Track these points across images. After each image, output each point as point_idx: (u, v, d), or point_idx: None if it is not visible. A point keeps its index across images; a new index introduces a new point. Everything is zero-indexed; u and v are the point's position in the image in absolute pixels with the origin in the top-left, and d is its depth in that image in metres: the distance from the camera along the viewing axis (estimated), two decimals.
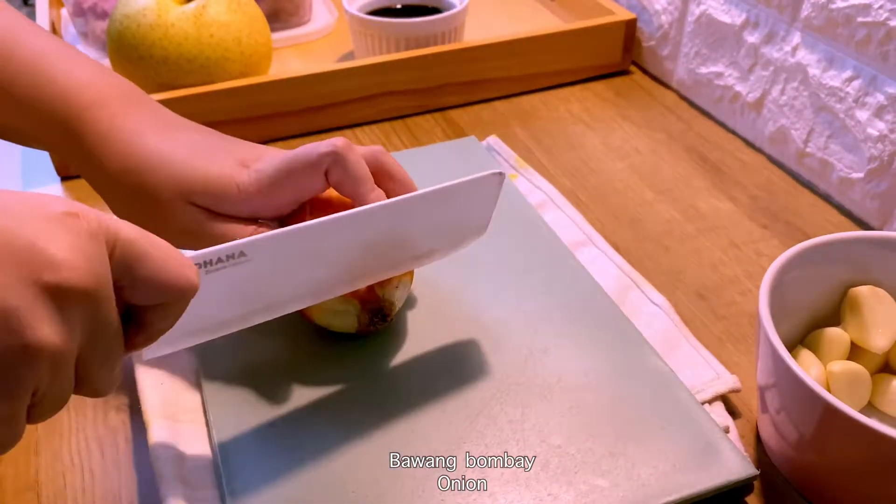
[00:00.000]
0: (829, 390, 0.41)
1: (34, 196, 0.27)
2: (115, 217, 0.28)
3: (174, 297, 0.29)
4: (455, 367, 0.45)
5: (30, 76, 0.43)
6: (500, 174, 0.42)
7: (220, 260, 0.34)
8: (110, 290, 0.27)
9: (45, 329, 0.25)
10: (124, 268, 0.28)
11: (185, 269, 0.29)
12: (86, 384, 0.29)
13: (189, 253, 0.32)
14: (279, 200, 0.41)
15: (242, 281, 0.36)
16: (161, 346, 0.34)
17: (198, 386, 0.45)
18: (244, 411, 0.43)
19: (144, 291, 0.29)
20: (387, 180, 0.43)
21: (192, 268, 0.30)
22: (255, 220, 0.42)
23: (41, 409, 0.27)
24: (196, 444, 0.42)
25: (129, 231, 0.28)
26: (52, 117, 0.43)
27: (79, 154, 0.43)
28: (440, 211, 0.42)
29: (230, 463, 0.40)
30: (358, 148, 0.42)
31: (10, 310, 0.24)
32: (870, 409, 0.44)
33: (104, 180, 0.43)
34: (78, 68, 0.44)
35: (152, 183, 0.41)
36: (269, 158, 0.41)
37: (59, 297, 0.25)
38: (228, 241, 0.35)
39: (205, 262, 0.34)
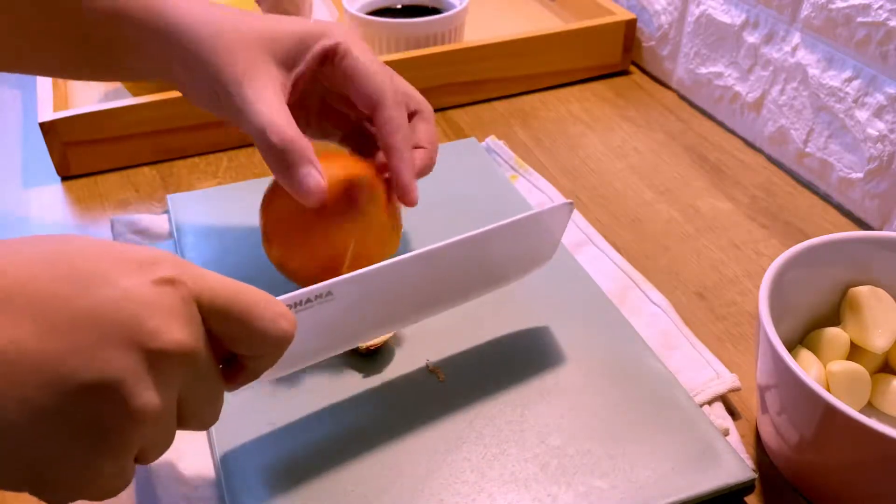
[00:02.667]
0: (828, 390, 0.41)
1: (133, 256, 0.27)
2: (212, 274, 0.29)
3: (269, 350, 0.31)
4: (455, 369, 0.45)
5: None
6: (570, 204, 0.44)
7: (308, 300, 0.36)
8: (206, 348, 0.29)
9: (149, 395, 0.26)
10: (224, 326, 0.29)
11: (282, 322, 0.31)
12: (190, 422, 0.30)
13: (282, 297, 0.34)
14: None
15: (329, 317, 0.38)
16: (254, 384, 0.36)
17: None
18: (244, 411, 0.43)
19: (245, 344, 0.30)
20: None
21: (287, 319, 0.31)
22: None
23: (147, 456, 0.29)
24: (195, 443, 0.42)
25: (228, 290, 0.29)
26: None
27: (166, 38, 0.42)
28: (514, 241, 0.43)
29: (229, 463, 0.40)
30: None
31: (116, 382, 0.25)
32: (870, 409, 0.44)
33: (187, 47, 0.42)
34: None
35: (238, 35, 0.41)
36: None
37: (160, 362, 0.27)
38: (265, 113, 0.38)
39: (295, 304, 0.36)
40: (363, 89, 0.42)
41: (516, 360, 0.45)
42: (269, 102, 0.39)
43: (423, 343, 0.47)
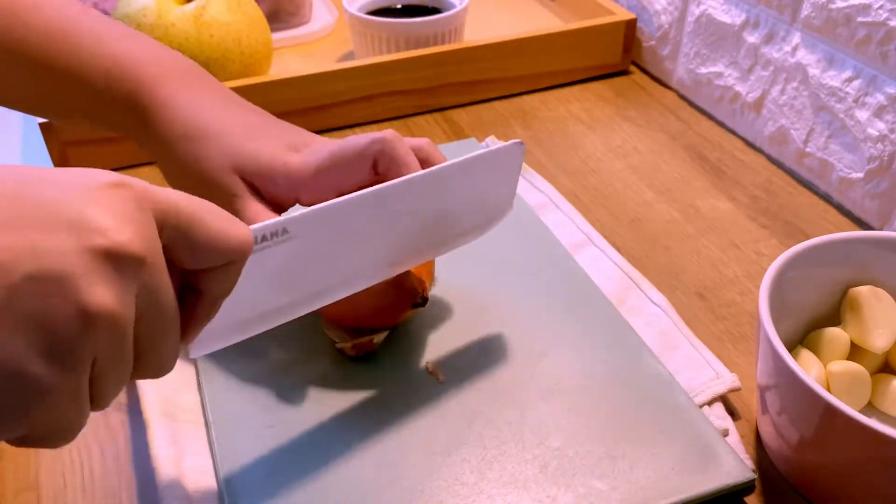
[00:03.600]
0: (829, 390, 0.41)
1: (80, 170, 0.27)
2: (163, 188, 0.28)
3: (232, 256, 0.29)
4: (454, 369, 0.45)
5: (92, 54, 0.44)
6: (521, 143, 0.43)
7: (264, 238, 0.34)
8: (161, 258, 0.27)
9: (100, 292, 0.25)
10: (180, 233, 0.28)
11: (240, 228, 0.29)
12: (145, 361, 0.28)
13: None
14: (323, 187, 0.41)
15: (287, 262, 0.36)
16: (208, 343, 0.34)
17: (197, 386, 0.45)
18: (243, 411, 0.43)
19: (203, 253, 0.28)
20: None
21: (245, 227, 0.30)
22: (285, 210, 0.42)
23: (102, 383, 0.27)
24: (195, 444, 0.42)
25: (178, 197, 0.28)
26: (118, 91, 0.43)
27: (139, 125, 0.44)
28: (470, 182, 0.42)
29: (229, 462, 0.40)
30: (406, 139, 0.42)
31: (64, 274, 0.24)
32: (870, 409, 0.44)
33: (162, 149, 0.43)
34: (138, 45, 0.45)
35: (207, 152, 0.42)
36: (320, 145, 0.42)
37: (111, 261, 0.25)
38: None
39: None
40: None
41: (515, 360, 0.45)
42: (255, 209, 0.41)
43: (421, 344, 0.47)
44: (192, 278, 0.30)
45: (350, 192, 0.41)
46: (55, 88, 0.45)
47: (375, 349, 0.45)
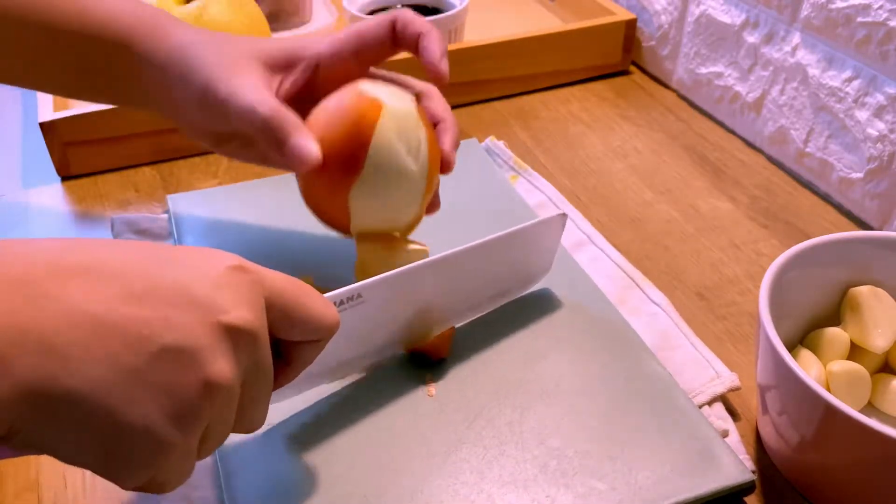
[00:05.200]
0: (829, 390, 0.41)
1: (208, 251, 0.31)
2: (269, 270, 0.32)
3: (323, 334, 0.33)
4: (454, 370, 0.45)
5: (91, 7, 0.46)
6: (564, 215, 0.48)
7: (342, 302, 0.39)
8: (268, 335, 0.31)
9: (222, 364, 0.28)
10: (282, 312, 0.31)
11: (330, 309, 0.33)
12: (243, 420, 0.32)
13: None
14: (345, 59, 0.45)
15: (358, 322, 0.40)
16: (287, 392, 0.39)
17: None
18: None
19: (299, 331, 0.32)
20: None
21: (334, 308, 0.34)
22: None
23: (209, 442, 0.30)
24: None
25: (284, 282, 0.32)
26: (118, 35, 0.46)
27: (145, 51, 0.45)
28: (515, 250, 0.47)
29: (229, 462, 0.40)
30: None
31: (194, 347, 0.27)
32: (870, 409, 0.44)
33: (168, 77, 0.45)
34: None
35: (224, 37, 0.45)
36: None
37: (232, 337, 0.28)
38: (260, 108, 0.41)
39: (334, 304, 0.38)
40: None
41: (515, 361, 0.45)
42: (253, 87, 0.42)
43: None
44: (284, 346, 0.33)
45: (373, 64, 0.47)
46: (53, 47, 0.47)
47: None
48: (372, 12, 0.78)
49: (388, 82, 0.45)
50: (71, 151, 0.64)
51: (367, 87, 0.43)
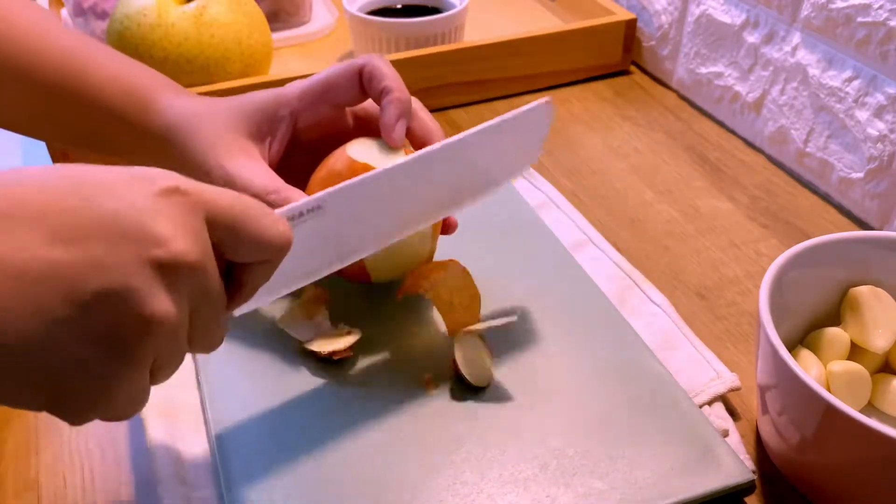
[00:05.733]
0: (829, 390, 0.41)
1: (138, 171, 0.28)
2: (209, 187, 0.30)
3: (273, 253, 0.32)
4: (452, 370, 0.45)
5: (104, 77, 0.47)
6: (549, 102, 0.44)
7: (301, 214, 0.37)
8: (213, 259, 0.29)
9: (161, 303, 0.27)
10: (228, 232, 0.30)
11: (280, 226, 0.31)
12: (197, 343, 0.31)
13: (275, 211, 0.35)
14: (318, 107, 0.46)
15: (320, 232, 0.38)
16: (247, 304, 0.36)
17: (197, 384, 0.45)
18: (243, 410, 0.42)
19: (247, 251, 0.31)
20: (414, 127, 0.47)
21: (285, 224, 0.32)
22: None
23: (161, 372, 0.29)
24: (194, 443, 0.42)
25: (226, 198, 0.30)
26: (130, 103, 0.47)
27: (139, 124, 0.47)
28: (498, 143, 0.43)
29: (228, 462, 0.40)
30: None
31: (128, 288, 0.26)
32: (870, 409, 0.44)
33: (171, 142, 0.46)
34: (134, 66, 0.49)
35: (211, 113, 0.46)
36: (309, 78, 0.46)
37: (170, 271, 0.27)
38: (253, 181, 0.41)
39: (288, 218, 0.36)
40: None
41: (515, 360, 0.45)
42: (251, 172, 0.43)
43: (420, 342, 0.47)
44: (234, 267, 0.32)
45: (342, 107, 0.47)
46: (64, 110, 0.47)
47: (348, 355, 0.45)
48: (371, 12, 0.78)
49: (373, 138, 0.46)
50: (71, 151, 0.64)
51: (356, 152, 0.44)
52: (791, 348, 0.44)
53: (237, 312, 0.35)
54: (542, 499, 0.38)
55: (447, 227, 0.48)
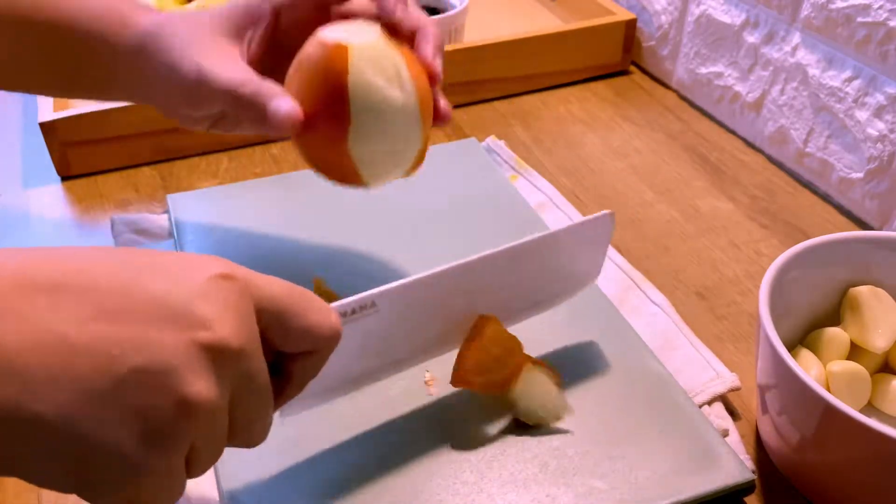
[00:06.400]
0: (829, 390, 0.41)
1: (189, 257, 0.28)
2: (260, 275, 0.30)
3: (322, 344, 0.31)
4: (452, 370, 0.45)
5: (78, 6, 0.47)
6: (611, 214, 0.43)
7: (353, 311, 0.36)
8: (259, 346, 0.28)
9: (200, 385, 0.26)
10: (277, 321, 0.29)
11: (330, 316, 0.31)
12: (240, 435, 0.30)
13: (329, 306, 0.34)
14: (301, 3, 0.45)
15: (373, 332, 0.38)
16: (298, 407, 0.36)
17: None
18: None
19: (295, 339, 0.30)
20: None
21: (335, 315, 0.31)
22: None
23: (198, 462, 0.28)
24: None
25: (278, 288, 0.30)
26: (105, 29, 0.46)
27: (116, 41, 0.46)
28: (556, 254, 0.43)
29: (229, 463, 0.40)
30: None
31: (167, 367, 0.25)
32: (870, 409, 0.44)
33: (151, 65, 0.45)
34: None
35: (189, 17, 0.45)
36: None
37: (213, 354, 0.26)
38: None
39: (341, 314, 0.35)
40: None
41: None
42: (224, 67, 0.42)
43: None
44: (283, 361, 0.31)
45: (326, 6, 0.44)
46: (26, 42, 0.47)
47: None
48: None
49: (346, 21, 0.43)
50: (71, 151, 0.64)
51: (328, 34, 0.40)
52: (791, 348, 0.44)
53: (285, 414, 0.34)
54: (542, 498, 0.38)
55: (438, 116, 0.44)
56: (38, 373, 0.24)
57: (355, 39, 0.39)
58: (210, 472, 0.41)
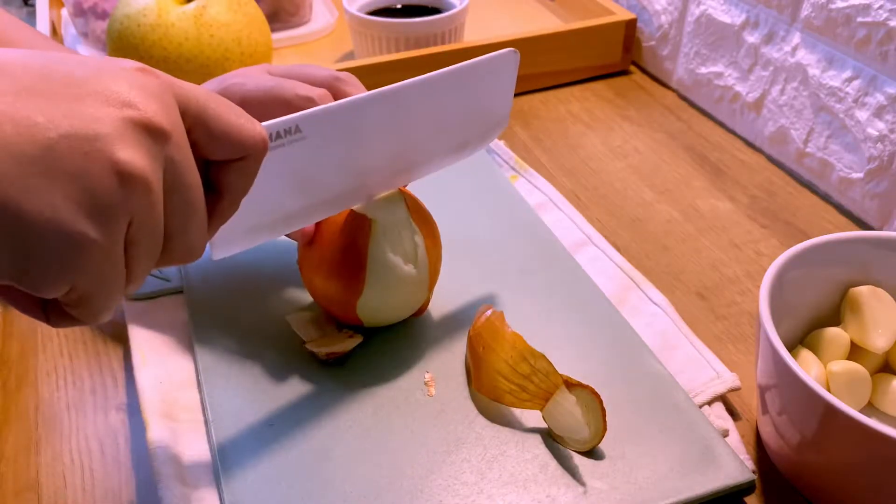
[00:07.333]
0: (829, 390, 0.41)
1: (107, 57, 0.28)
2: (181, 80, 0.29)
3: (249, 150, 0.31)
4: (453, 370, 0.45)
5: None
6: (515, 52, 0.44)
7: (278, 135, 0.36)
8: (185, 137, 0.28)
9: (133, 154, 0.26)
10: (199, 121, 0.29)
11: (255, 124, 0.31)
12: (175, 242, 0.29)
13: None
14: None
15: (300, 162, 0.37)
16: (229, 245, 0.36)
17: (197, 384, 0.45)
18: (243, 411, 0.43)
19: (220, 144, 0.30)
20: None
21: (258, 124, 0.31)
22: None
23: (136, 252, 0.28)
24: (195, 443, 0.42)
25: (199, 90, 0.29)
26: None
27: None
28: (469, 89, 0.43)
29: (229, 461, 0.40)
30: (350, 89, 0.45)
31: (99, 134, 0.25)
32: (870, 409, 0.44)
33: None
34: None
35: None
36: (258, 76, 0.45)
37: (141, 130, 0.26)
38: None
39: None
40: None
41: None
42: None
43: (420, 343, 0.47)
44: (214, 174, 0.31)
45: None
46: None
47: (342, 355, 0.45)
48: (371, 12, 0.78)
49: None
50: None
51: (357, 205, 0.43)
52: (791, 348, 0.44)
53: (217, 253, 0.34)
54: (543, 499, 0.38)
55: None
56: None
57: (381, 215, 0.43)
58: (209, 473, 0.41)
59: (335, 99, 0.45)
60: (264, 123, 0.35)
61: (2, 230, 0.24)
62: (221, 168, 0.31)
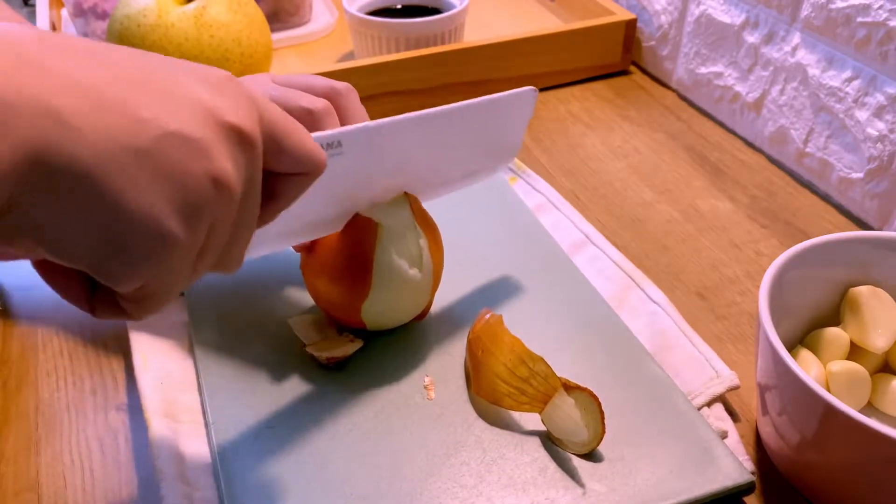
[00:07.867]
0: (828, 390, 0.41)
1: (198, 64, 0.28)
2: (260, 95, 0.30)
3: (311, 168, 0.31)
4: (453, 374, 0.45)
5: None
6: (534, 90, 0.46)
7: (325, 147, 0.37)
8: (261, 149, 0.29)
9: (228, 164, 0.27)
10: (272, 136, 0.29)
11: (317, 144, 0.32)
12: (230, 248, 0.30)
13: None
14: None
15: (337, 174, 0.39)
16: (261, 247, 0.38)
17: (198, 386, 0.45)
18: (243, 412, 0.43)
19: (288, 159, 0.30)
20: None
21: (320, 147, 0.32)
22: None
23: (204, 254, 0.28)
24: (195, 443, 0.42)
25: (272, 104, 0.30)
26: None
27: None
28: (486, 122, 0.45)
29: (229, 463, 0.40)
30: (351, 101, 0.45)
31: (202, 138, 0.26)
32: (870, 409, 0.44)
33: None
34: None
35: None
36: (265, 84, 0.45)
37: (235, 138, 0.27)
38: None
39: None
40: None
41: None
42: None
43: (419, 344, 0.47)
44: (270, 180, 0.31)
45: None
46: None
47: (343, 359, 0.45)
48: (371, 12, 0.78)
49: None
50: None
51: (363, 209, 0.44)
52: (791, 348, 0.44)
53: (250, 254, 0.35)
54: (542, 501, 0.38)
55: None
56: (75, 118, 0.23)
57: (387, 219, 0.43)
58: (209, 473, 0.41)
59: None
60: (312, 135, 0.36)
61: (98, 218, 0.24)
62: (279, 179, 0.31)
